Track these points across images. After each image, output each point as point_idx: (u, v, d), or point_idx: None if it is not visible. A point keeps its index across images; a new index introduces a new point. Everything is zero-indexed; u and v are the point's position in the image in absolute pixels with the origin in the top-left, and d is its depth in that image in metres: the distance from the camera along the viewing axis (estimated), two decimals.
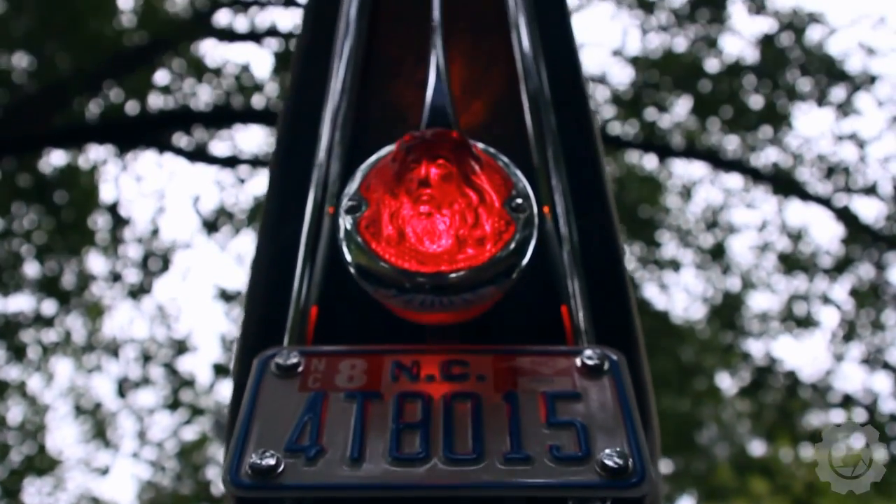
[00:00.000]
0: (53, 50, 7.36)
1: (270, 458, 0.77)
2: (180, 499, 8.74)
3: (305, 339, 0.93)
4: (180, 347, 8.23)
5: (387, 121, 1.13)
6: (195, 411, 8.33)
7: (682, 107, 7.85)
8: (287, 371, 0.86)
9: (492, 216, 0.84)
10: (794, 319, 7.94)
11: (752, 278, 8.13)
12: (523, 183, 0.87)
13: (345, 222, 0.85)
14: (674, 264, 8.21)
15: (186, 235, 10.35)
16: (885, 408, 7.40)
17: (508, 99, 1.14)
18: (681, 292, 8.25)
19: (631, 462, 0.76)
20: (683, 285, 8.24)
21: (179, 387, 8.21)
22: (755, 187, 8.02)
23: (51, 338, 7.97)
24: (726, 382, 8.56)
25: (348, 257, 0.85)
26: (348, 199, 0.87)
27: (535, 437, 0.79)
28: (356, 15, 1.23)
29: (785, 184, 7.76)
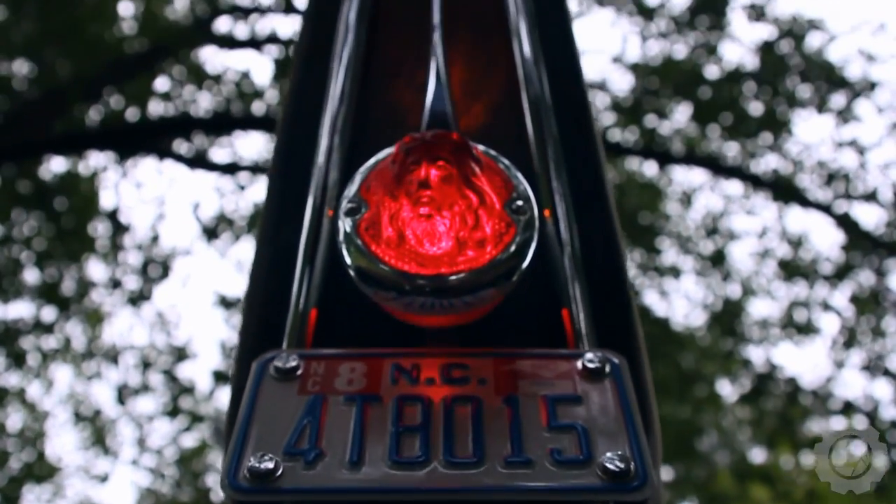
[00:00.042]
0: (54, 56, 7.35)
1: (269, 462, 0.76)
2: None
3: (305, 342, 0.93)
4: (180, 354, 8.22)
5: (386, 123, 1.13)
6: (195, 418, 8.32)
7: (682, 113, 7.86)
8: (286, 374, 0.86)
9: (492, 218, 0.83)
10: (794, 326, 7.93)
11: (753, 285, 8.12)
12: (524, 185, 0.87)
13: (344, 224, 0.85)
14: (674, 271, 8.21)
15: (186, 242, 10.33)
16: (886, 415, 7.39)
17: (509, 102, 1.14)
18: (681, 299, 8.24)
19: (633, 466, 0.76)
20: (684, 292, 8.24)
21: (179, 394, 8.19)
22: (755, 194, 8.02)
23: (50, 344, 7.96)
24: (727, 389, 8.55)
25: (348, 260, 0.84)
26: (348, 201, 0.86)
27: (535, 440, 0.78)
28: (355, 19, 1.22)
29: (785, 190, 7.75)
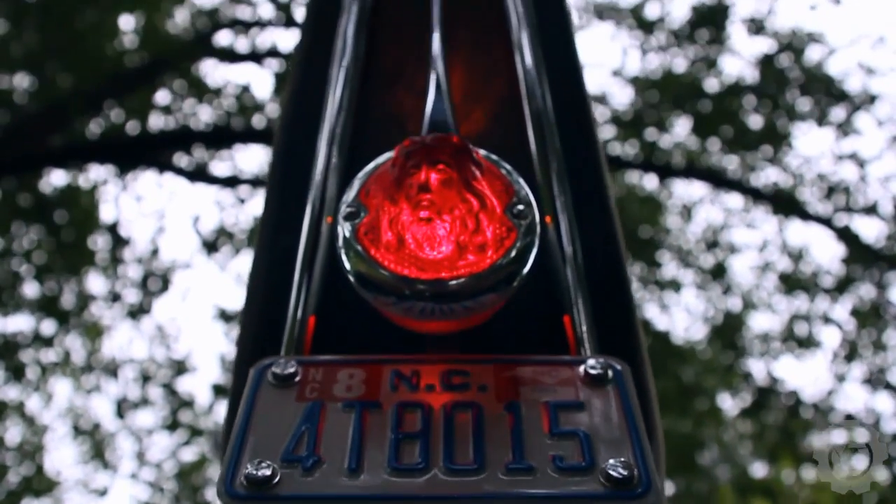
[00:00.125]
0: (54, 70, 7.37)
1: (266, 469, 0.75)
2: None
3: (303, 349, 0.92)
4: (179, 368, 8.19)
5: (386, 129, 1.12)
6: (194, 432, 8.29)
7: (682, 127, 7.86)
8: (284, 380, 0.85)
9: (493, 222, 0.82)
10: (795, 339, 7.91)
11: (753, 298, 8.10)
12: (525, 190, 0.86)
13: (343, 229, 0.84)
14: (674, 284, 8.19)
15: (186, 255, 10.31)
16: (888, 428, 7.37)
17: (509, 108, 1.13)
18: (681, 312, 8.23)
19: (636, 472, 0.74)
20: (684, 305, 8.23)
21: (178, 407, 8.16)
22: (755, 207, 8.02)
23: (50, 358, 7.94)
24: (728, 403, 8.52)
25: (347, 265, 0.83)
26: (346, 205, 0.85)
27: (537, 447, 0.77)
28: (353, 31, 1.22)
29: (785, 203, 7.75)
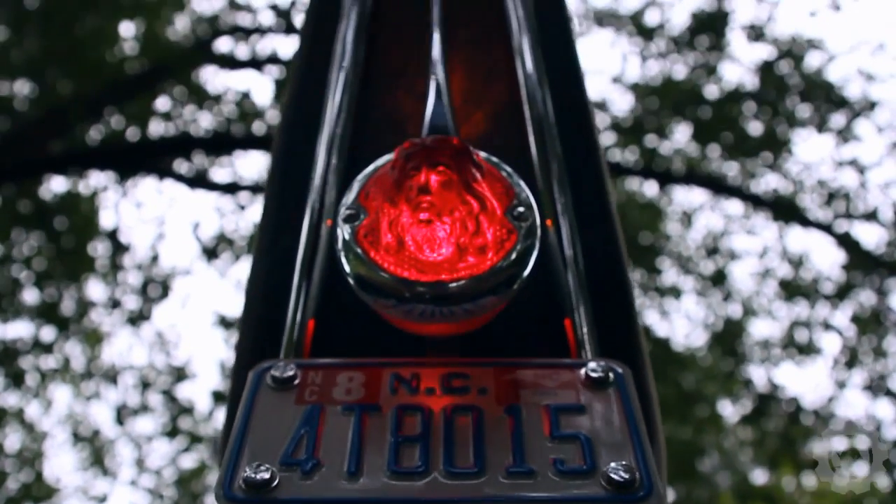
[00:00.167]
0: (55, 76, 7.38)
1: (265, 472, 0.74)
2: None
3: (302, 352, 0.91)
4: (179, 374, 8.18)
5: (386, 132, 1.11)
6: (194, 439, 8.27)
7: (682, 133, 7.86)
8: (283, 384, 0.84)
9: (493, 224, 0.82)
10: (795, 346, 7.90)
11: (754, 305, 8.09)
12: (526, 192, 0.86)
13: (343, 232, 0.83)
14: (674, 291, 8.18)
15: (186, 262, 10.31)
16: (889, 434, 7.36)
17: (509, 111, 1.13)
18: (682, 319, 8.22)
19: (637, 475, 0.74)
20: (684, 312, 8.22)
21: (178, 414, 8.15)
22: (756, 213, 8.01)
23: (49, 364, 7.92)
24: (728, 410, 8.51)
25: (347, 268, 0.83)
26: (346, 208, 0.85)
27: (538, 450, 0.77)
28: (353, 37, 1.21)
29: (785, 210, 7.75)
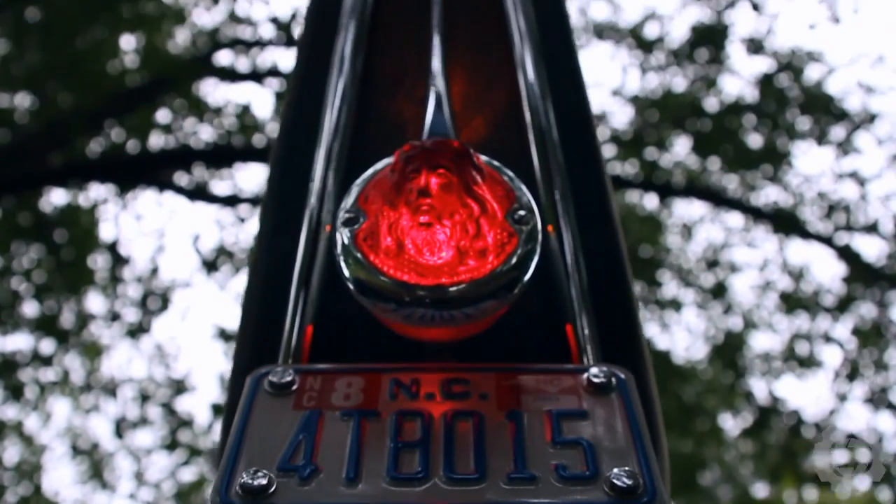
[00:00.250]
0: (55, 89, 7.39)
1: (262, 478, 0.73)
2: None
3: (301, 358, 0.90)
4: (179, 387, 8.16)
5: (386, 137, 1.11)
6: (193, 452, 8.25)
7: (682, 146, 7.87)
8: (281, 389, 0.83)
9: (494, 227, 0.81)
10: (796, 359, 7.89)
11: (754, 317, 8.09)
12: (527, 196, 0.85)
13: (342, 236, 0.83)
14: (675, 304, 8.18)
15: (186, 275, 10.31)
16: (890, 447, 7.34)
17: (510, 116, 1.12)
18: (682, 332, 8.21)
19: (641, 481, 0.73)
20: (685, 325, 8.21)
21: (178, 427, 8.13)
22: (756, 226, 8.02)
23: (49, 377, 7.91)
24: (729, 423, 8.50)
25: (346, 272, 0.82)
26: (345, 211, 0.84)
27: (540, 456, 0.76)
28: (351, 49, 1.21)
29: (786, 222, 7.75)
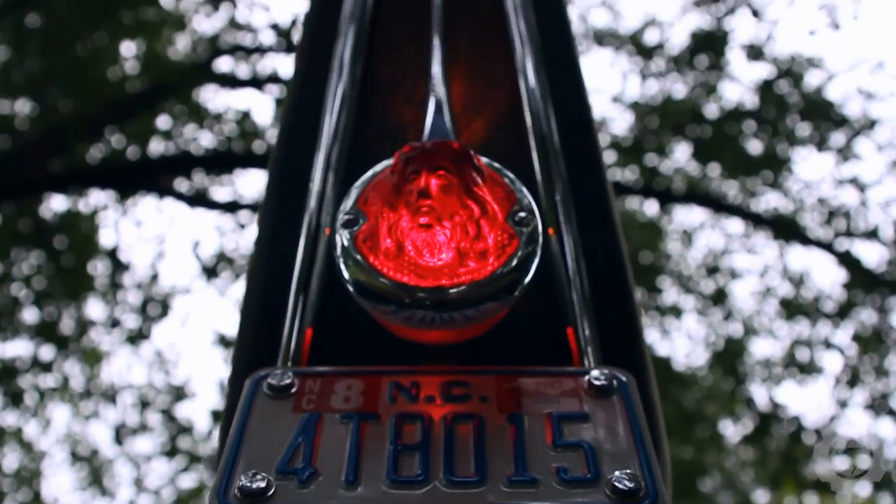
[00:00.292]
0: (55, 95, 7.40)
1: (261, 481, 0.73)
2: None
3: (300, 361, 0.90)
4: (178, 394, 8.15)
5: (385, 140, 1.11)
6: (193, 459, 8.23)
7: (682, 152, 7.87)
8: (280, 391, 0.82)
9: (494, 229, 0.81)
10: (796, 365, 7.87)
11: (754, 324, 8.07)
12: (528, 198, 0.85)
13: (342, 238, 0.82)
14: (675, 310, 8.17)
15: (186, 281, 10.29)
16: (891, 453, 7.32)
17: (510, 119, 1.12)
18: (682, 338, 8.20)
19: (642, 484, 0.72)
20: (685, 331, 8.20)
21: (177, 434, 8.12)
22: (756, 232, 8.01)
23: (48, 383, 7.90)
24: (729, 429, 8.48)
25: (346, 274, 0.82)
26: (345, 213, 0.84)
27: (541, 459, 0.75)
28: (351, 52, 1.21)
29: (786, 228, 7.74)
